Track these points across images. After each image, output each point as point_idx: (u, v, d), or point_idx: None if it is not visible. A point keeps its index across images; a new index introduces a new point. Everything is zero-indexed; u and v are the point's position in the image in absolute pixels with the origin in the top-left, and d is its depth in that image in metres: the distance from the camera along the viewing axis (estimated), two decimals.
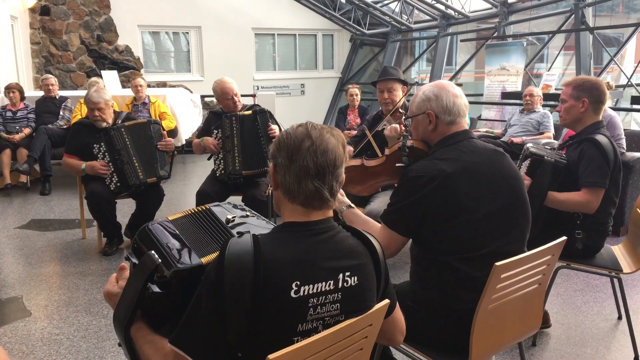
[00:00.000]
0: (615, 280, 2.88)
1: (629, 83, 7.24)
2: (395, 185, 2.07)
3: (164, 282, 1.35)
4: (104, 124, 4.01)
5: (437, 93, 1.97)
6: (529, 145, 2.79)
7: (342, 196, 2.15)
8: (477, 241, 1.83)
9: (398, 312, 1.57)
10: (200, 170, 7.80)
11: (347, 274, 1.35)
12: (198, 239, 1.49)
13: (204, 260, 1.39)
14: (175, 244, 1.44)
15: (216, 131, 4.01)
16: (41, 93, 7.03)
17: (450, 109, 1.95)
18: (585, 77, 2.82)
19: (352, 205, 2.15)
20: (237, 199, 4.10)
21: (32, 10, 9.16)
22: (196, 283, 1.32)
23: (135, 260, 1.46)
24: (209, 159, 4.15)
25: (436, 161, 1.88)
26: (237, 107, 4.08)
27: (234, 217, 1.53)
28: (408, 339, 1.86)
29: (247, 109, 4.10)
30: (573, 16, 7.91)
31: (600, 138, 2.66)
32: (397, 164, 2.10)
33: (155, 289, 1.35)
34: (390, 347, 2.11)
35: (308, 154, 1.34)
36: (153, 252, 1.36)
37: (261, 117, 3.99)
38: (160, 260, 1.35)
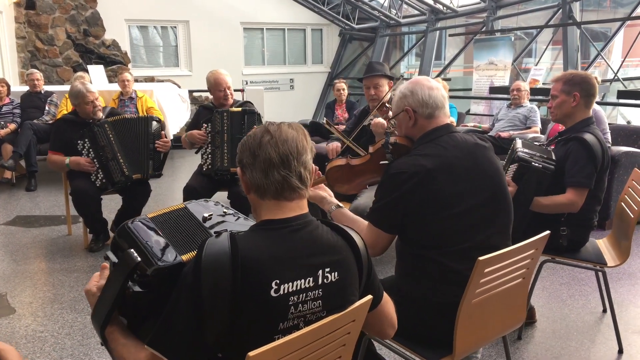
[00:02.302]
0: (600, 274, 2.90)
1: (616, 77, 7.29)
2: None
3: (145, 281, 1.33)
4: (101, 113, 3.98)
5: (412, 89, 1.99)
6: (519, 148, 2.72)
7: (330, 197, 2.15)
8: (459, 235, 1.85)
9: (386, 306, 1.56)
10: (187, 165, 7.76)
11: (327, 269, 1.34)
12: (178, 236, 1.46)
13: (185, 257, 1.37)
14: (155, 241, 1.41)
15: (206, 125, 3.98)
16: (26, 88, 6.94)
17: (427, 102, 1.96)
18: (575, 72, 2.80)
19: (341, 205, 2.15)
20: (223, 195, 4.09)
21: (17, 4, 9.04)
22: (177, 281, 1.31)
23: (114, 259, 1.44)
24: (196, 152, 4.12)
25: (417, 157, 1.89)
26: (228, 100, 4.04)
27: (211, 214, 1.51)
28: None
29: (238, 105, 4.07)
30: (561, 11, 7.94)
31: (589, 137, 2.64)
32: (380, 162, 2.09)
33: (136, 287, 1.33)
34: (375, 343, 2.11)
35: (269, 146, 1.35)
36: (132, 250, 1.34)
37: (249, 117, 3.94)
38: (139, 259, 1.33)
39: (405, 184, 1.83)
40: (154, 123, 4.11)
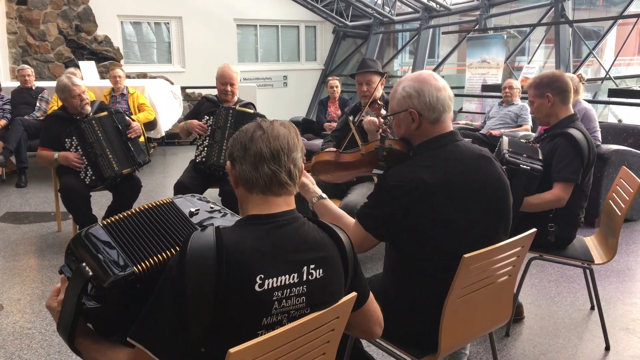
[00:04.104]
0: (588, 271, 2.92)
1: (608, 76, 7.32)
2: (372, 176, 1.99)
3: (100, 294, 1.31)
4: (89, 107, 3.96)
5: (419, 89, 1.81)
6: (505, 148, 2.71)
7: (312, 185, 2.03)
8: (455, 251, 1.74)
9: (372, 304, 1.55)
10: (179, 162, 7.74)
11: (312, 266, 1.34)
12: (139, 241, 1.42)
13: (140, 267, 1.35)
14: (110, 251, 1.37)
15: (207, 117, 3.97)
16: (17, 84, 6.90)
17: (434, 105, 1.80)
18: (543, 74, 2.87)
19: (324, 195, 2.03)
20: (214, 192, 4.08)
21: None
22: (134, 289, 1.30)
23: (68, 274, 1.41)
24: (192, 142, 4.09)
25: (417, 168, 1.76)
26: (228, 96, 4.03)
27: (198, 209, 1.50)
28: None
29: (243, 105, 4.07)
30: (553, 9, 7.97)
31: (575, 132, 2.67)
32: (374, 171, 2.02)
33: (92, 303, 1.31)
34: (362, 340, 2.11)
35: (261, 141, 1.36)
36: (84, 264, 1.33)
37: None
38: (91, 273, 1.31)
39: (403, 198, 1.73)
40: (116, 115, 4.05)
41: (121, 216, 1.48)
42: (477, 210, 1.79)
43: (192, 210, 1.49)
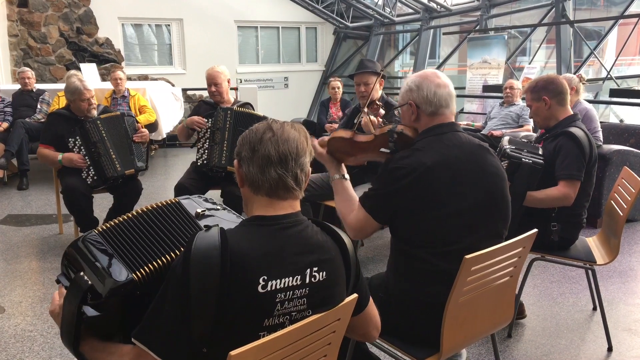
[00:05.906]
0: (590, 272, 2.91)
1: (609, 76, 7.30)
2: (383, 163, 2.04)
3: (98, 303, 1.31)
4: (95, 112, 3.98)
5: (419, 83, 1.95)
6: (506, 145, 2.72)
7: (339, 163, 2.16)
8: (450, 236, 1.82)
9: (372, 308, 1.56)
10: (181, 164, 7.74)
11: (315, 268, 1.34)
12: (138, 246, 1.40)
13: (136, 275, 1.34)
14: (108, 259, 1.36)
15: (206, 120, 3.97)
16: (19, 86, 6.91)
17: (431, 100, 1.92)
18: (538, 78, 2.93)
19: (347, 177, 2.13)
20: (216, 193, 4.08)
21: (9, 2, 8.99)
22: (134, 296, 1.30)
23: (66, 283, 1.40)
24: (192, 146, 4.09)
25: (417, 152, 1.86)
26: (217, 97, 4.03)
27: (204, 210, 1.50)
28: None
29: (241, 105, 4.07)
30: (554, 9, 7.96)
31: (577, 131, 2.69)
32: (382, 149, 2.08)
33: (90, 312, 1.30)
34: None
35: (270, 143, 1.35)
36: (82, 273, 1.32)
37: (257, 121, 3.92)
38: (90, 282, 1.31)
39: (402, 180, 1.82)
40: (127, 118, 4.10)
41: (121, 220, 1.46)
42: (473, 196, 1.85)
43: (199, 211, 1.49)
